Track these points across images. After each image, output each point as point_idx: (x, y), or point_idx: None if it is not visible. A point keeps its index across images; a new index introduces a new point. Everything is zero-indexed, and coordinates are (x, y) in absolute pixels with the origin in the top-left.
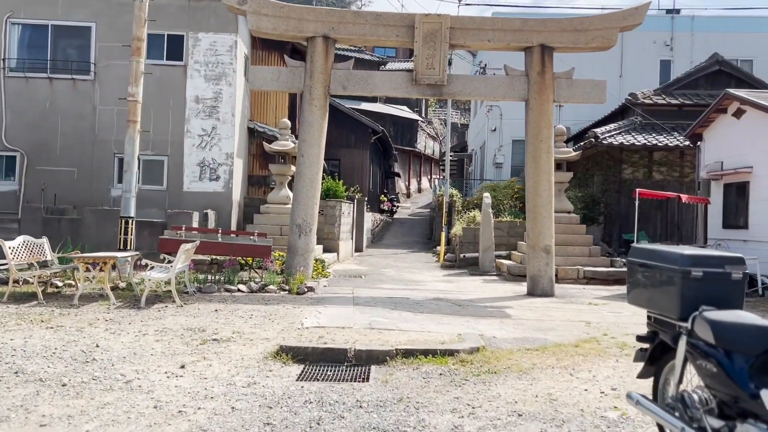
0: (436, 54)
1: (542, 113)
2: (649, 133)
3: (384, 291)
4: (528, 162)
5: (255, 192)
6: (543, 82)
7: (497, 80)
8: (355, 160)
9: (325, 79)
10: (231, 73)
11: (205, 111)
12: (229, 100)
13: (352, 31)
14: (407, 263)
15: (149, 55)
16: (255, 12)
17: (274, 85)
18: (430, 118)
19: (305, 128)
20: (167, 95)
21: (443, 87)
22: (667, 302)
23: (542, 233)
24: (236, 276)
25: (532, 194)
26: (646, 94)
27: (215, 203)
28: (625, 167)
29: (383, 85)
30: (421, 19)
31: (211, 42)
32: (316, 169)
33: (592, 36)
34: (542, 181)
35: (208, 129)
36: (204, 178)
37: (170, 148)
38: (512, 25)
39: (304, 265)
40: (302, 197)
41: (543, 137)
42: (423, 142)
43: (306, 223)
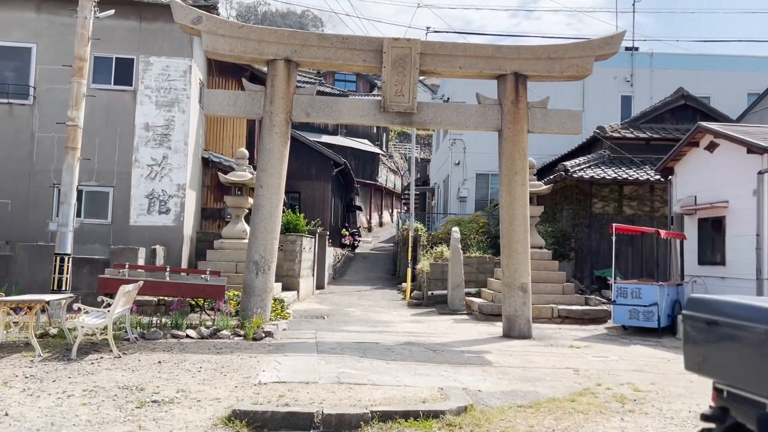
0: (406, 80)
1: (516, 144)
2: (619, 167)
3: (350, 334)
4: (502, 195)
5: (209, 226)
6: (517, 112)
7: (469, 109)
8: (316, 193)
9: (287, 104)
10: (184, 100)
11: (155, 139)
12: (182, 128)
13: (316, 54)
14: (372, 301)
15: (96, 80)
16: (210, 32)
17: (231, 110)
18: (390, 152)
19: (265, 157)
20: (115, 122)
21: (413, 115)
22: (750, 373)
23: (518, 270)
24: (185, 319)
25: (507, 229)
26: (614, 127)
27: (165, 238)
28: (596, 201)
29: (349, 113)
30: (390, 44)
31: (164, 66)
32: (276, 201)
33: (567, 64)
34: (517, 215)
35: (158, 158)
36: (153, 211)
37: (116, 178)
38: (485, 52)
39: (261, 306)
40: (260, 232)
41: (518, 169)
42: (384, 176)
43: (264, 260)
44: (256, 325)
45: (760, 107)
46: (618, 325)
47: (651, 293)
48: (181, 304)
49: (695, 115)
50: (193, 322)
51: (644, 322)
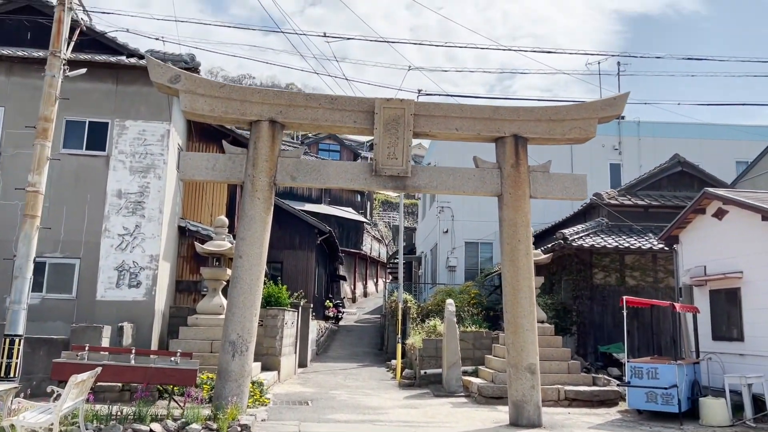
0: (399, 142)
1: (518, 210)
2: (618, 235)
3: (338, 425)
4: (504, 265)
5: (184, 300)
6: (518, 176)
7: (467, 173)
8: (300, 262)
9: (271, 168)
10: (161, 165)
11: (128, 207)
12: (158, 195)
13: (303, 115)
14: (360, 381)
15: (67, 144)
16: (189, 91)
17: (210, 174)
18: (375, 221)
19: (245, 224)
20: (85, 189)
21: (406, 179)
22: None
23: (525, 349)
24: (150, 409)
25: (511, 302)
26: (611, 194)
27: (134, 314)
28: (596, 272)
29: (338, 176)
30: (382, 104)
31: (140, 131)
32: (257, 273)
33: (569, 127)
34: (522, 287)
35: (130, 228)
36: (122, 285)
37: (84, 249)
38: (482, 113)
39: (237, 393)
40: (238, 307)
41: (521, 237)
42: (369, 245)
43: (242, 339)
44: (231, 416)
45: (752, 174)
46: (632, 408)
47: (669, 373)
48: (146, 392)
49: (692, 182)
50: (159, 413)
51: (663, 406)
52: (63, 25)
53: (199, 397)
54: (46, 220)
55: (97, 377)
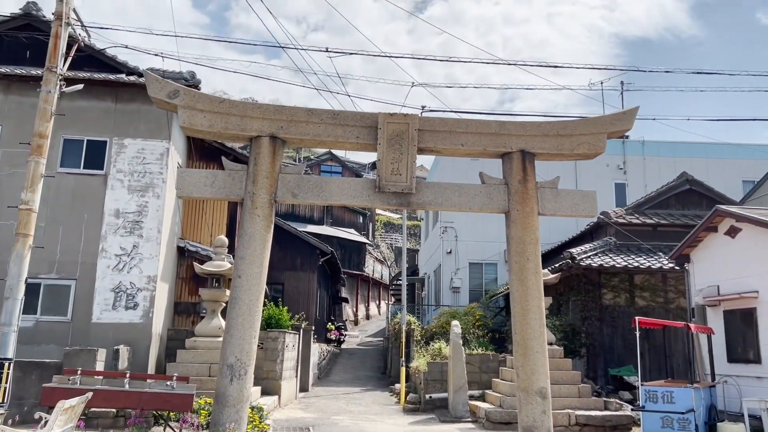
0: (403, 158)
1: (527, 227)
2: (627, 255)
3: None
4: (513, 285)
5: (182, 322)
6: (525, 192)
7: (473, 189)
8: (301, 284)
9: (271, 184)
10: (160, 184)
11: (126, 227)
12: (156, 215)
13: (304, 130)
14: (363, 406)
15: (65, 163)
16: (188, 107)
17: (208, 191)
18: (377, 242)
19: (245, 242)
20: (82, 208)
21: (411, 195)
22: None
23: (536, 372)
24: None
25: (521, 323)
26: (618, 213)
27: (130, 337)
28: (605, 292)
29: (341, 193)
30: (386, 119)
31: (139, 149)
32: (256, 293)
33: (577, 142)
34: (532, 307)
35: (128, 248)
36: (119, 306)
37: (80, 270)
38: (488, 128)
39: (236, 419)
40: (237, 329)
41: (529, 255)
42: (371, 266)
43: (240, 362)
44: None
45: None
46: None
47: (686, 397)
48: (140, 418)
49: (701, 200)
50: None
51: (680, 431)
52: (60, 40)
53: (195, 423)
54: (42, 240)
55: (90, 402)
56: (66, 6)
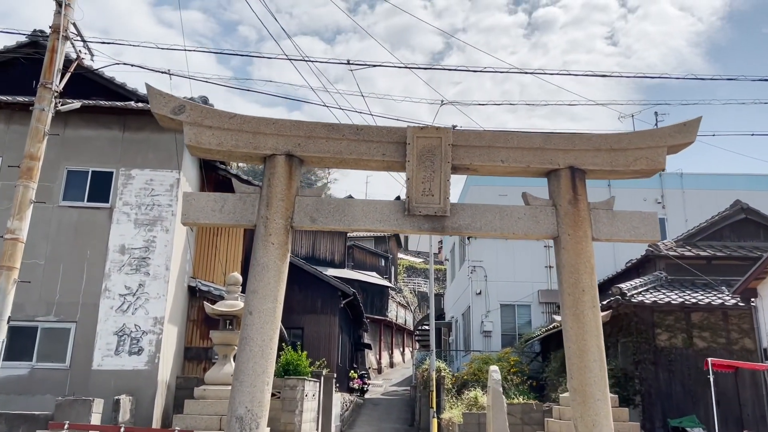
0: (435, 177)
1: (580, 253)
2: (681, 290)
3: None
4: (567, 321)
5: (193, 369)
6: (577, 214)
7: (516, 211)
8: (322, 328)
9: (287, 208)
10: (169, 217)
11: (131, 264)
12: (164, 251)
13: (324, 147)
14: None
15: (68, 196)
16: (195, 123)
17: (217, 217)
18: (400, 287)
19: (257, 274)
20: (85, 244)
21: (445, 219)
22: None
23: (597, 424)
24: None
25: (578, 367)
26: (668, 245)
27: (134, 385)
28: (659, 332)
29: (365, 217)
30: (415, 134)
31: (147, 180)
32: (270, 332)
33: (633, 157)
34: (590, 347)
35: (133, 287)
36: (122, 352)
37: (80, 312)
38: (532, 143)
39: None
40: (248, 374)
41: (585, 286)
42: (394, 311)
43: (251, 414)
44: None
45: None
46: None
47: None
48: None
49: (758, 230)
50: None
51: None
52: (56, 54)
53: None
54: (41, 279)
55: None
56: (64, 19)
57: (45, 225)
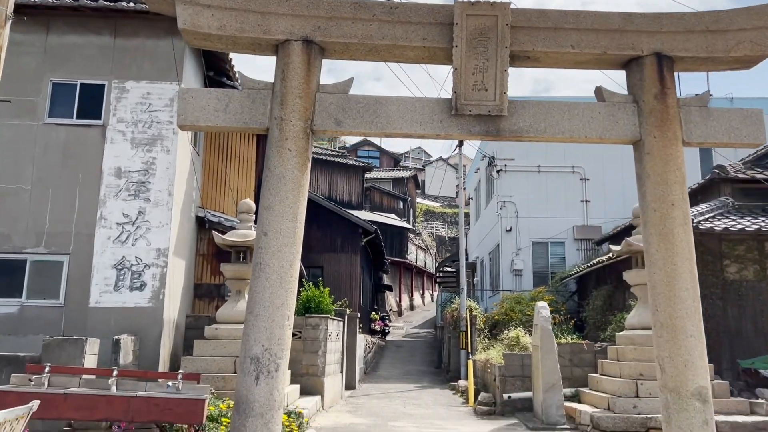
0: (490, 66)
1: (669, 160)
2: (754, 217)
3: None
4: (651, 242)
5: (204, 308)
6: (665, 111)
7: (589, 110)
8: (342, 267)
9: (306, 107)
10: (170, 136)
11: (129, 189)
12: (166, 174)
13: (350, 32)
14: (424, 408)
15: (54, 113)
16: (190, 2)
17: (221, 118)
18: (418, 230)
19: (272, 187)
20: (76, 167)
21: (501, 120)
22: None
23: (690, 365)
24: None
25: (665, 296)
26: (735, 167)
27: (137, 325)
28: (728, 264)
29: (402, 118)
30: (465, 11)
31: (144, 94)
32: (290, 258)
33: (735, 40)
34: (681, 272)
35: (132, 215)
36: (122, 287)
37: (74, 243)
38: (609, 23)
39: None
40: (264, 306)
41: (675, 199)
42: (414, 254)
43: (269, 353)
44: None
45: None
46: None
47: None
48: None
49: None
50: None
51: None
52: None
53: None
54: (27, 206)
55: (58, 413)
56: None
57: (29, 145)
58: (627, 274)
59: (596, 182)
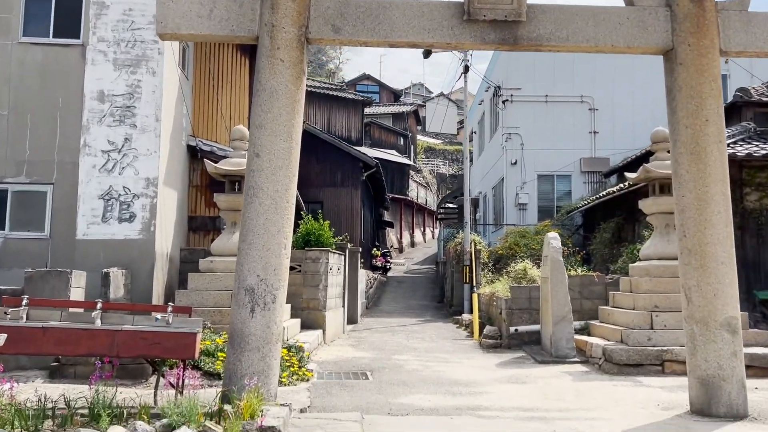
0: None
1: (704, 70)
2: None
3: (424, 421)
4: (681, 161)
5: (199, 241)
6: (702, 15)
7: (616, 15)
8: (343, 203)
9: (300, 11)
10: (155, 57)
11: (114, 114)
12: (152, 98)
13: None
14: (427, 342)
15: (29, 31)
16: None
17: (205, 25)
18: (419, 167)
19: (263, 103)
20: (55, 90)
21: (519, 26)
22: None
23: (720, 294)
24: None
25: (695, 221)
26: (759, 89)
27: (127, 258)
28: (748, 192)
29: (409, 24)
30: None
31: (125, 10)
32: (285, 181)
33: None
34: (714, 195)
35: (118, 142)
36: (110, 218)
37: (57, 172)
38: None
39: (261, 370)
40: (258, 233)
41: (709, 114)
42: (415, 190)
43: (265, 284)
44: (248, 411)
45: None
46: None
47: None
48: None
49: None
50: (130, 406)
51: None
52: None
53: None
54: (6, 134)
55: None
56: None
57: (4, 66)
58: (643, 203)
59: (605, 112)
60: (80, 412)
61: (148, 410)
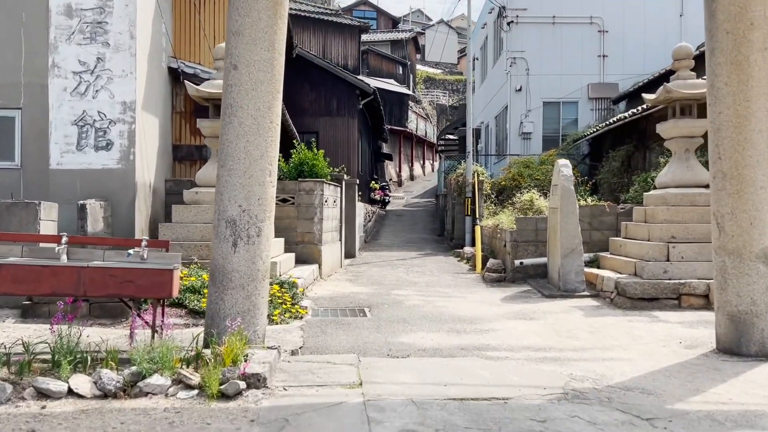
0: None
1: None
2: None
3: (421, 361)
4: (720, 72)
5: (185, 171)
6: None
7: None
8: (339, 133)
9: None
10: None
11: (83, 31)
12: (126, 12)
13: None
14: (428, 276)
15: None
16: None
17: None
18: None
19: (240, 4)
20: (16, 4)
21: None
22: None
23: (757, 222)
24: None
25: (732, 141)
26: None
27: (107, 189)
28: None
29: None
30: None
31: None
32: (268, 98)
33: None
34: (755, 110)
35: (89, 62)
36: (86, 146)
37: (24, 95)
38: None
39: (245, 310)
40: (238, 158)
41: (755, 17)
42: (414, 122)
43: (249, 215)
44: (230, 357)
45: None
46: None
47: None
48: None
49: None
50: (96, 350)
51: None
52: None
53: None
54: None
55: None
56: None
57: None
58: (662, 126)
59: (615, 35)
60: (41, 357)
61: (116, 356)
